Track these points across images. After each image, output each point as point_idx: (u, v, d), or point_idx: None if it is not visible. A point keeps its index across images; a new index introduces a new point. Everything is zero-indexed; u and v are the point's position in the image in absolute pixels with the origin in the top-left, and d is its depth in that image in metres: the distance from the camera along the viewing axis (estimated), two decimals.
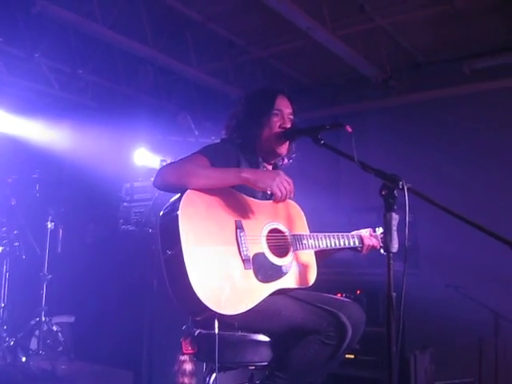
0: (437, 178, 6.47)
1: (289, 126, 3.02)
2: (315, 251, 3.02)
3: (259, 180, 2.72)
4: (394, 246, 2.37)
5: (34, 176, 6.17)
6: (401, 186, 2.38)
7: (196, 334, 2.82)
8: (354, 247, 3.20)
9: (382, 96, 7.45)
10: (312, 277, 2.95)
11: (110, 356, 5.48)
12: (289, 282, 2.82)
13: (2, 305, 5.82)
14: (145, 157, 6.61)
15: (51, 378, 5.09)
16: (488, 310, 5.55)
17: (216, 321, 2.59)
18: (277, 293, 2.75)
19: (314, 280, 2.94)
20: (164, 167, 2.84)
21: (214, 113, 7.62)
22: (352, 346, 2.79)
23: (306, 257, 2.96)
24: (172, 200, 2.71)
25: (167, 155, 5.95)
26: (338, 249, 3.12)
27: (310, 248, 2.96)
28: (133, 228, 6.01)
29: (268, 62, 7.53)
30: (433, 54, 7.20)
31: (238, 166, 2.89)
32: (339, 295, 4.97)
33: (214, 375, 2.78)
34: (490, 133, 6.72)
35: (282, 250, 2.87)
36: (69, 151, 7.23)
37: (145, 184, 6.23)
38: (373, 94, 7.56)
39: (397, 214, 2.40)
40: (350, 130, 2.62)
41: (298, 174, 3.04)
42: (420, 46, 7.07)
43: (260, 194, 2.93)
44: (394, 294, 2.32)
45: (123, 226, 6.12)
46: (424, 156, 6.90)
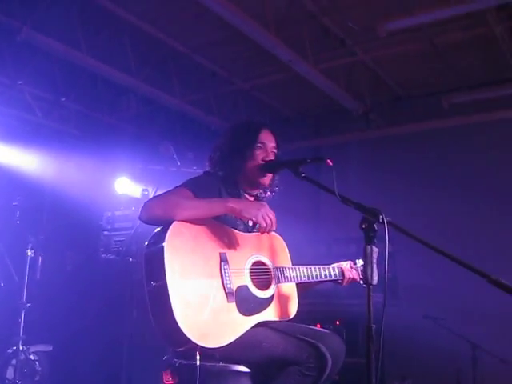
0: (415, 209, 6.56)
1: (272, 158, 3.05)
2: (297, 283, 3.04)
3: (244, 210, 2.74)
4: (374, 279, 2.40)
5: (15, 203, 6.12)
6: (381, 220, 2.41)
7: (177, 364, 2.80)
8: (334, 279, 3.22)
9: (362, 128, 7.57)
10: (293, 309, 2.97)
11: None
12: (271, 315, 2.84)
13: None
14: (126, 185, 6.58)
15: None
16: (466, 342, 5.59)
17: (197, 352, 2.59)
18: (258, 325, 2.76)
19: (295, 312, 2.96)
20: (149, 201, 2.82)
21: (195, 143, 7.63)
22: (332, 377, 2.79)
23: (287, 289, 2.98)
24: (157, 230, 2.71)
25: (149, 184, 5.95)
26: (319, 281, 3.15)
27: (292, 280, 2.98)
28: (113, 257, 5.96)
29: (250, 93, 7.62)
30: (412, 89, 7.35)
31: (220, 198, 2.90)
32: (318, 326, 4.97)
33: None
34: (468, 166, 6.84)
35: (264, 283, 2.88)
36: (50, 179, 7.21)
37: (126, 213, 6.19)
38: (353, 127, 7.68)
39: (377, 246, 2.43)
40: (331, 163, 2.66)
41: (278, 206, 3.06)
42: (400, 81, 7.22)
43: (242, 226, 2.96)
44: (374, 325, 2.34)
45: (103, 255, 6.07)
46: (403, 188, 6.99)
